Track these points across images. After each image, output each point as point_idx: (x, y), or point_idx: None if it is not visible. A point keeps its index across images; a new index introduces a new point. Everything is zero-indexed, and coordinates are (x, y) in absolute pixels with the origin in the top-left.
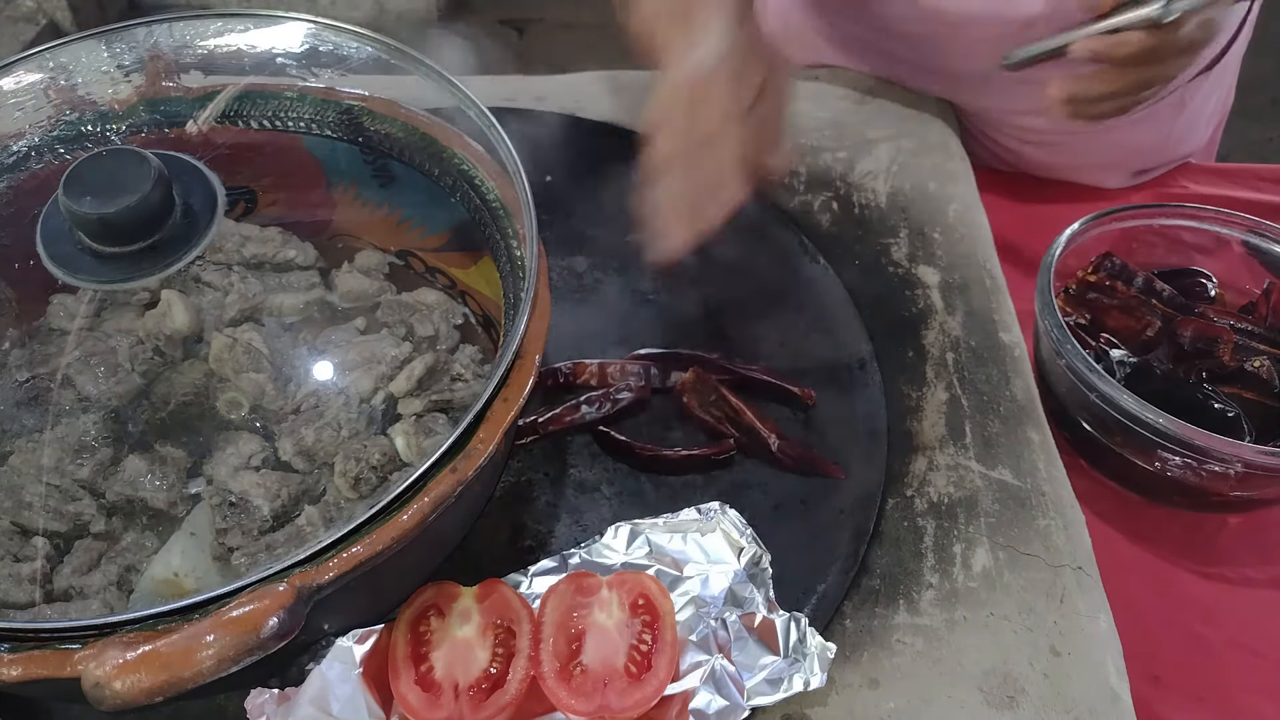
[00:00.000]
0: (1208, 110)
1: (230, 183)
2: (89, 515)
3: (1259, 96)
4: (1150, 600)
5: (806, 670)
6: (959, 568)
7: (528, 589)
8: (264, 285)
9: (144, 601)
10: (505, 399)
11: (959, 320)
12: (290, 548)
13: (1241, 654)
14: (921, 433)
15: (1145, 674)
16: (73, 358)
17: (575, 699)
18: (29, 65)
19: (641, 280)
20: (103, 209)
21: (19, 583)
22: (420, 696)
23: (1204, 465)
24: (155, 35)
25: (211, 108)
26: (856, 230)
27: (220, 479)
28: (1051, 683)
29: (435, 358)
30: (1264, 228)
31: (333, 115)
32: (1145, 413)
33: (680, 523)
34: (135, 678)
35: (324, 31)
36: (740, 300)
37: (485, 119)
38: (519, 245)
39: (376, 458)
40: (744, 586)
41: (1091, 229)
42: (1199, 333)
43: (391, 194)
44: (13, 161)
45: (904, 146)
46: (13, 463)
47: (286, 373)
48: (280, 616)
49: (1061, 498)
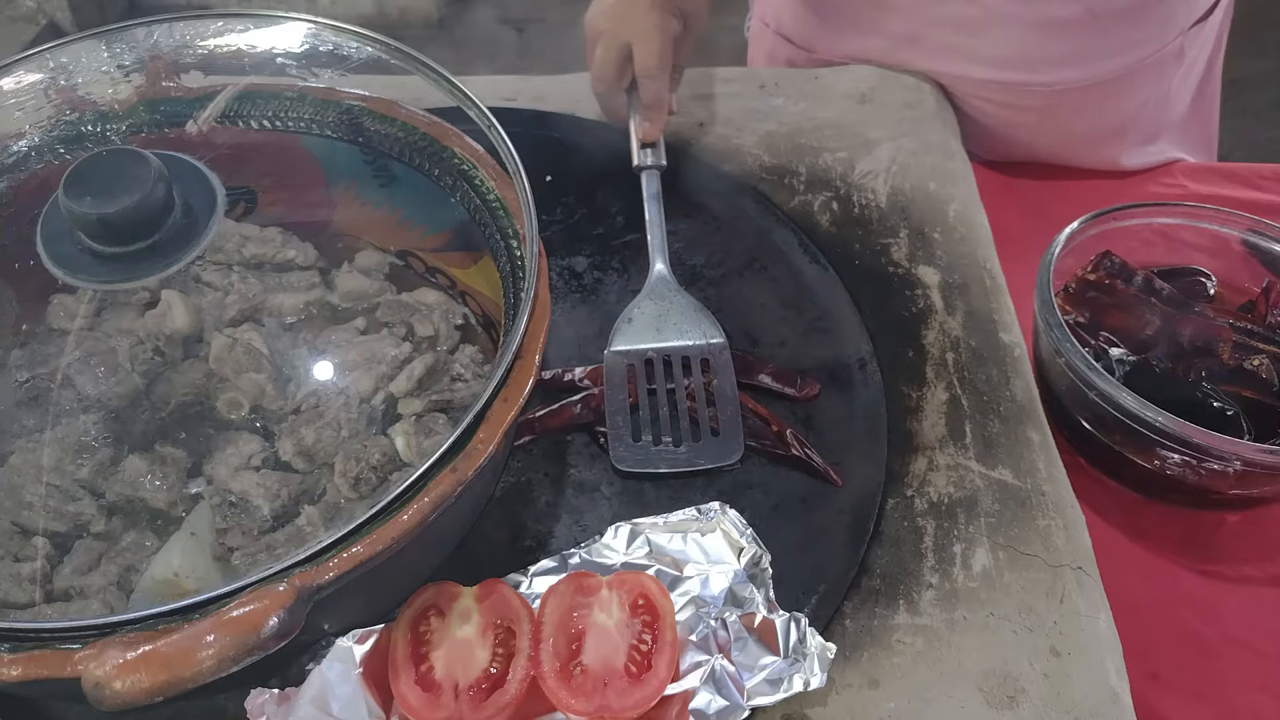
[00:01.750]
0: (1201, 60)
1: (230, 183)
2: (89, 515)
3: (1259, 96)
4: (1149, 598)
5: (806, 670)
6: (959, 568)
7: (528, 589)
8: (264, 285)
9: (144, 601)
10: (505, 399)
11: (959, 320)
12: (290, 548)
13: (1240, 651)
14: (921, 433)
15: (1144, 672)
16: (73, 358)
17: (575, 699)
18: (29, 65)
19: (642, 280)
20: (103, 209)
21: (19, 583)
22: (420, 696)
23: (1203, 463)
24: (155, 35)
25: (211, 108)
26: (856, 230)
27: (220, 479)
28: (1051, 683)
29: (435, 358)
30: (1263, 226)
31: (333, 115)
32: (1144, 411)
33: (680, 523)
34: (135, 678)
35: (324, 31)
36: (740, 300)
37: (485, 119)
38: (519, 245)
39: (376, 458)
40: (744, 586)
41: (1091, 227)
42: (1198, 331)
43: (391, 194)
44: (13, 161)
45: (904, 146)
46: (13, 463)
47: (286, 373)
48: (280, 616)
49: (1062, 498)
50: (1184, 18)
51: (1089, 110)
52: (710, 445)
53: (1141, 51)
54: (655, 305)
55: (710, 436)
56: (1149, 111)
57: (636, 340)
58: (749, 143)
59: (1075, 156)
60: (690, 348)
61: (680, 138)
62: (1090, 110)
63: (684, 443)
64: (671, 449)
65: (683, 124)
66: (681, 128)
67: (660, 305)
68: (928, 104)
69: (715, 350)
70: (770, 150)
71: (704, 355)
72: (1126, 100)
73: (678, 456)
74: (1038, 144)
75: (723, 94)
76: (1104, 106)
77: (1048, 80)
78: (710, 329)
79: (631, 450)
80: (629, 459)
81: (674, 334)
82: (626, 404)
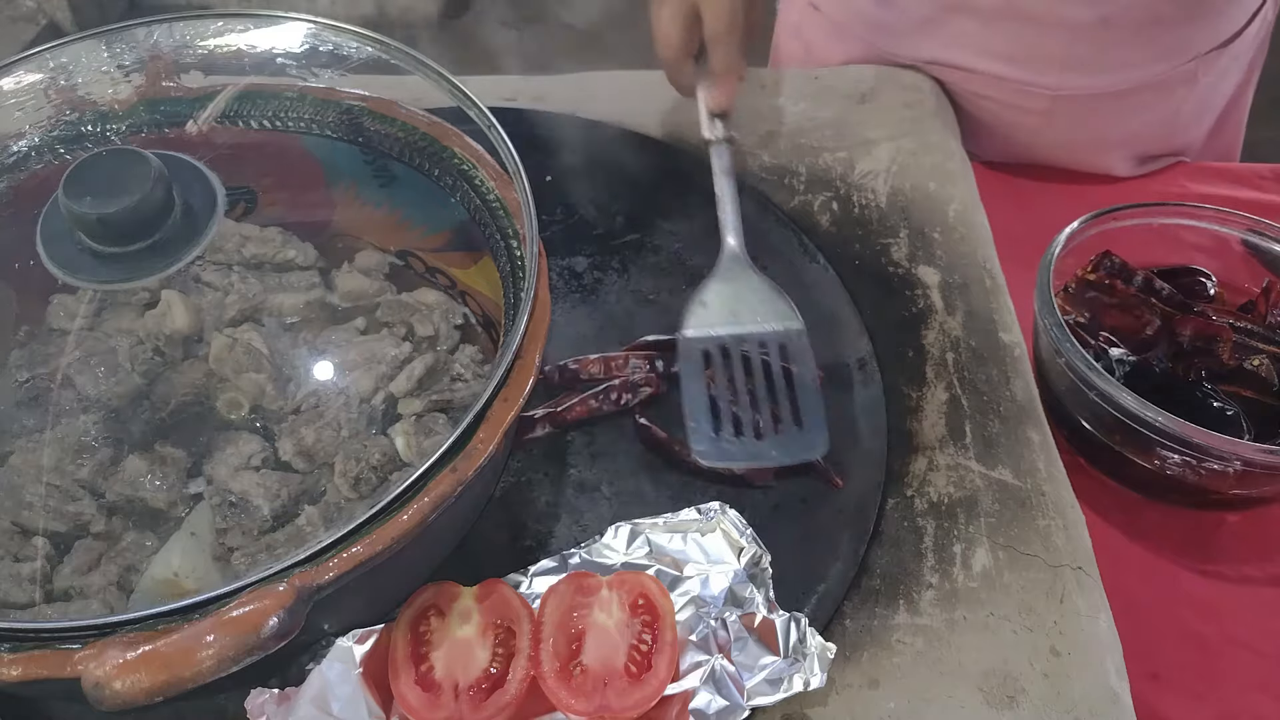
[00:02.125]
0: (1220, 91)
1: (230, 183)
2: (89, 515)
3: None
4: (1149, 598)
5: (806, 670)
6: (959, 568)
7: (528, 589)
8: (264, 285)
9: (144, 601)
10: (505, 399)
11: (959, 320)
12: (290, 548)
13: (1240, 651)
14: (921, 433)
15: (1144, 671)
16: (73, 358)
17: (575, 699)
18: (29, 65)
19: (642, 280)
20: (103, 209)
21: (19, 583)
22: (420, 696)
23: (1203, 463)
24: (155, 35)
25: (211, 108)
26: (856, 230)
27: (220, 479)
28: (1051, 683)
29: (435, 358)
30: (1263, 226)
31: (333, 115)
32: (1144, 411)
33: (680, 523)
34: (135, 678)
35: (324, 31)
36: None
37: (485, 119)
38: (519, 245)
39: (376, 458)
40: (744, 586)
41: (1090, 227)
42: (1198, 331)
43: (391, 194)
44: (13, 161)
45: (904, 146)
46: (13, 463)
47: (286, 373)
48: (280, 616)
49: (1062, 498)
50: (1201, 43)
51: (1090, 121)
52: (794, 437)
53: (1150, 70)
54: (729, 287)
55: (793, 427)
56: (1153, 130)
57: (711, 325)
58: (749, 143)
59: (1074, 162)
60: (768, 334)
61: (680, 137)
62: (1091, 121)
63: (766, 435)
64: (754, 442)
65: (683, 124)
66: (681, 127)
67: (734, 287)
68: (927, 104)
69: (793, 336)
70: (770, 150)
71: (782, 342)
72: (1129, 117)
73: (761, 450)
74: (1038, 147)
75: None
76: (1105, 120)
77: (1051, 83)
78: (788, 313)
79: (714, 444)
80: (711, 453)
81: (750, 318)
82: (705, 394)
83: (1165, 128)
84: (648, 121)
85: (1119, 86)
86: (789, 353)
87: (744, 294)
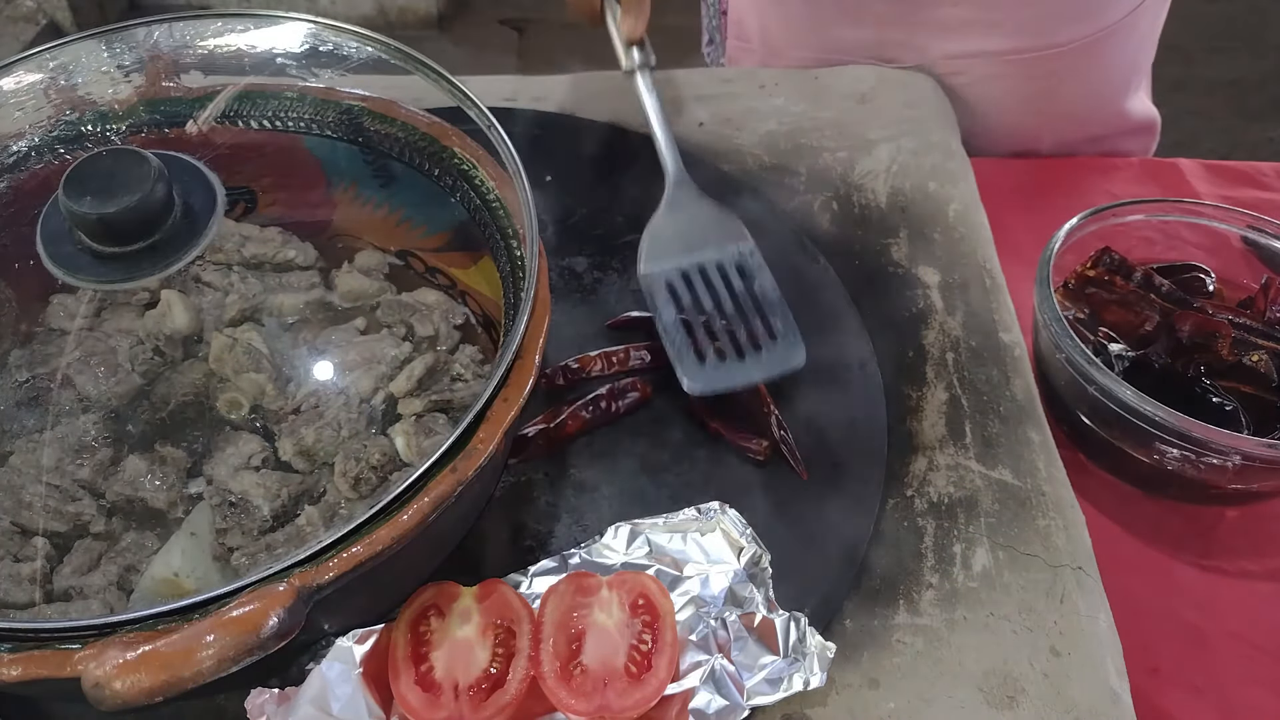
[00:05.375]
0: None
1: (230, 183)
2: (89, 515)
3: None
4: (1148, 592)
5: (806, 670)
6: (959, 568)
7: (528, 589)
8: (264, 285)
9: (144, 601)
10: (505, 399)
11: (959, 320)
12: (290, 548)
13: (1239, 646)
14: (921, 433)
15: (1143, 666)
16: (73, 358)
17: (575, 699)
18: (29, 65)
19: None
20: (103, 209)
21: (19, 583)
22: (420, 696)
23: (1202, 458)
24: (155, 35)
25: (211, 108)
26: (856, 230)
27: (220, 479)
28: (1051, 683)
29: (435, 358)
30: (1262, 223)
31: (333, 115)
32: (1144, 405)
33: (680, 523)
34: (135, 678)
35: (324, 31)
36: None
37: (485, 119)
38: (519, 245)
39: (376, 458)
40: (744, 586)
41: (1090, 224)
42: (1197, 327)
43: (391, 194)
44: (13, 161)
45: (904, 146)
46: (13, 463)
47: (286, 373)
48: (280, 616)
49: (1062, 498)
50: None
51: (1098, 65)
52: (773, 352)
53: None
54: (679, 215)
55: (770, 342)
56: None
57: (666, 257)
58: (749, 143)
59: (1082, 129)
60: (724, 255)
61: (680, 137)
62: (1099, 65)
63: (746, 354)
64: (739, 363)
65: (682, 124)
66: (681, 127)
67: (683, 214)
68: (928, 104)
69: (747, 254)
70: (770, 150)
71: (737, 262)
72: (1128, 44)
73: (747, 370)
74: (1046, 120)
75: (723, 94)
76: (1110, 58)
77: (1063, 40)
78: (738, 233)
79: (702, 373)
80: (701, 383)
81: (702, 244)
82: (679, 323)
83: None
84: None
85: (1121, 17)
86: (744, 270)
87: (694, 219)
